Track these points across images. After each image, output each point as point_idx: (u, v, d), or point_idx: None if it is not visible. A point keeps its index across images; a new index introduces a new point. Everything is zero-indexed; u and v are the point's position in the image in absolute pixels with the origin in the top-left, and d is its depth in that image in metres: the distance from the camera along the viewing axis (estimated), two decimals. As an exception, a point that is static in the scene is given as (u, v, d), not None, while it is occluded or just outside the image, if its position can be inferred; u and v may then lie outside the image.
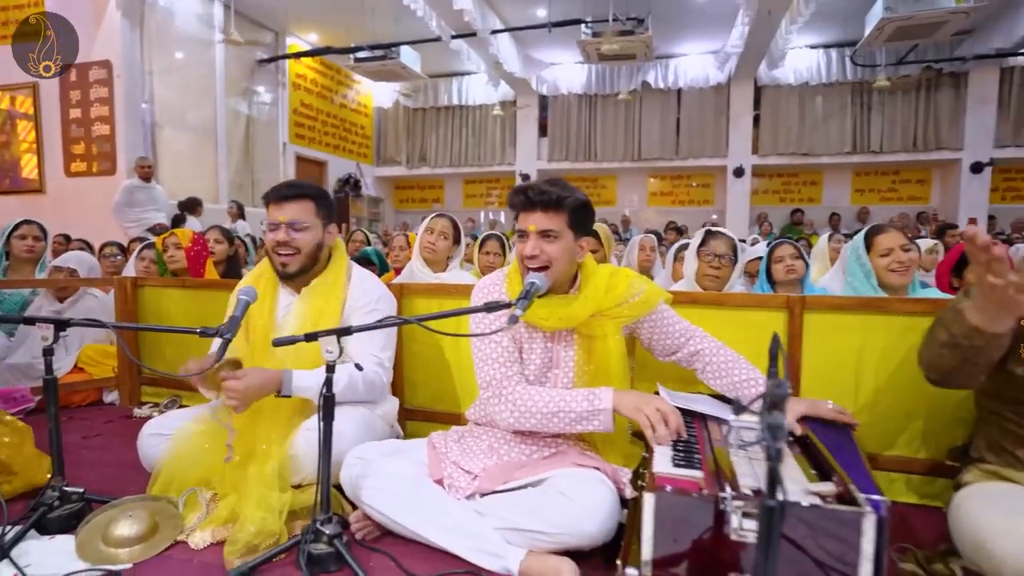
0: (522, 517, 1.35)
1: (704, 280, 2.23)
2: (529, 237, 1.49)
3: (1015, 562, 1.10)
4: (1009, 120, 9.09)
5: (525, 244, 1.50)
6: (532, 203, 1.48)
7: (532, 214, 1.49)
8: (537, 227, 1.48)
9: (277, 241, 1.75)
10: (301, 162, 9.48)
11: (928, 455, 1.70)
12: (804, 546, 1.04)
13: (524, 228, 1.50)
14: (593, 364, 1.55)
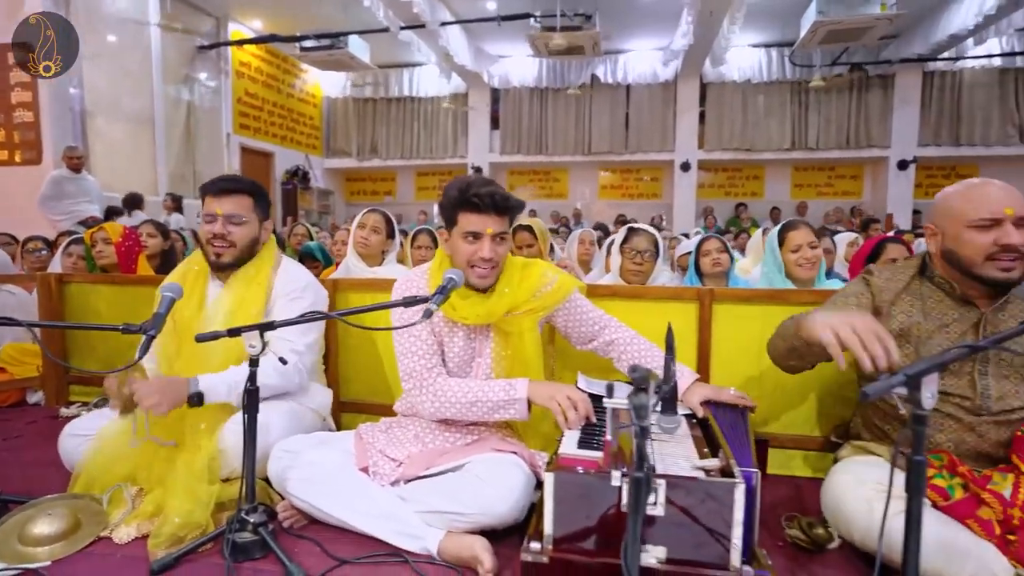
0: (441, 500, 1.43)
1: (628, 275, 2.35)
2: (484, 239, 1.54)
3: (859, 521, 1.25)
4: (930, 120, 9.69)
5: (478, 245, 1.54)
6: (490, 207, 1.52)
7: (488, 217, 1.53)
8: (493, 230, 1.54)
9: (214, 233, 1.76)
10: (246, 153, 9.23)
11: (821, 433, 1.87)
12: (693, 513, 1.15)
13: (479, 230, 1.53)
14: (511, 356, 1.64)
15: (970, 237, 1.36)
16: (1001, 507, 1.23)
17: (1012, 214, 1.33)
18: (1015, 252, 1.33)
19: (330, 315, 1.46)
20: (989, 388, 1.37)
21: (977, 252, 1.35)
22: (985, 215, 1.34)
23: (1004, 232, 1.33)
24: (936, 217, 1.46)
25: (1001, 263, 1.34)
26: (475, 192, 1.51)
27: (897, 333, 1.45)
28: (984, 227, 1.35)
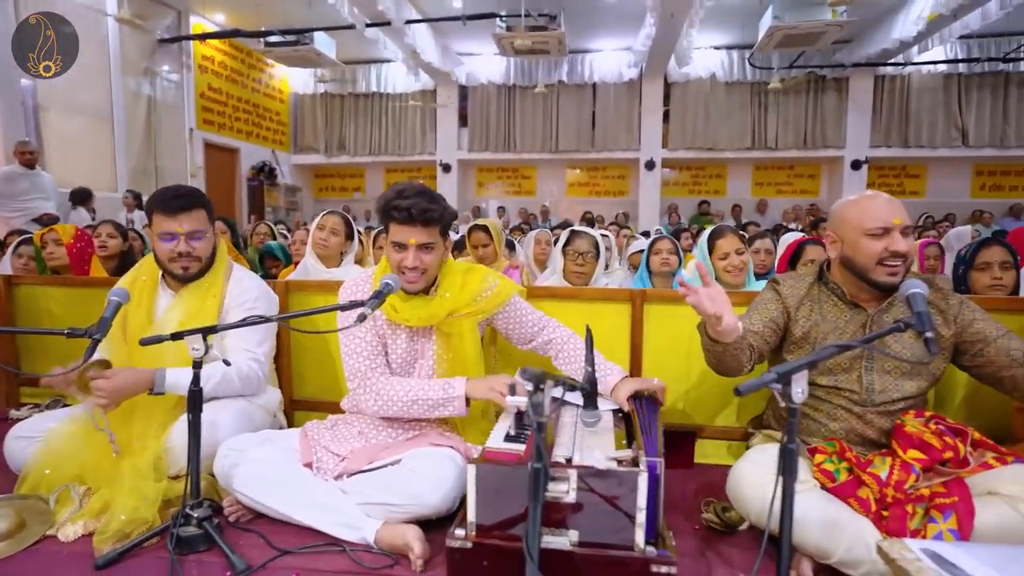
0: (378, 492, 1.52)
1: (570, 276, 2.46)
2: (409, 250, 1.62)
3: (754, 503, 1.38)
4: (881, 123, 10.08)
5: (404, 255, 1.63)
6: (413, 219, 1.60)
7: (412, 228, 1.61)
8: (417, 241, 1.62)
9: (178, 252, 1.79)
10: (210, 149, 9.10)
11: (742, 424, 2.01)
12: (603, 499, 1.26)
13: (404, 241, 1.62)
14: (452, 357, 1.73)
15: (865, 244, 1.50)
16: (878, 487, 1.37)
17: (900, 223, 1.48)
18: (901, 258, 1.48)
19: (271, 318, 1.53)
20: (873, 383, 1.52)
21: (870, 258, 1.49)
22: (879, 224, 1.49)
23: (893, 240, 1.47)
24: (835, 226, 1.60)
25: (889, 268, 1.48)
26: (396, 204, 1.59)
27: (800, 336, 1.59)
28: (877, 235, 1.49)
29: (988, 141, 9.80)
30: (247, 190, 10.00)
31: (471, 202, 11.68)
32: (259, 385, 1.87)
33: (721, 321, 1.33)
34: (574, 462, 1.32)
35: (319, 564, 1.43)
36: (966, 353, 1.52)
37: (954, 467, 1.39)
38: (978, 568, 1.05)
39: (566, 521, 1.28)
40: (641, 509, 1.24)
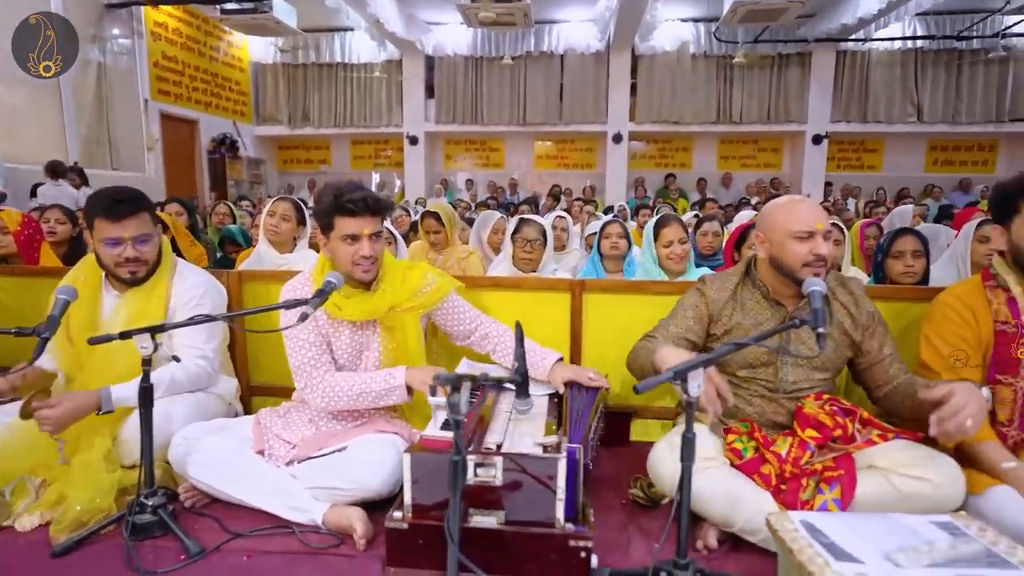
0: (325, 477, 1.62)
1: (519, 262, 2.56)
2: (363, 240, 1.70)
3: (669, 479, 1.52)
4: (841, 98, 10.29)
5: (358, 245, 1.70)
6: (367, 208, 1.68)
7: (364, 219, 1.69)
8: (370, 230, 1.70)
9: (126, 258, 1.81)
10: (167, 120, 8.82)
11: (673, 406, 2.16)
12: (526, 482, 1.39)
13: (357, 232, 1.69)
14: (396, 349, 1.83)
15: (791, 246, 1.62)
16: (779, 463, 1.53)
17: (822, 228, 1.60)
18: (823, 260, 1.60)
19: (216, 317, 1.60)
20: (787, 375, 1.66)
21: (796, 259, 1.61)
22: (804, 228, 1.60)
23: (816, 243, 1.59)
24: (764, 228, 1.71)
25: (813, 268, 1.60)
26: (349, 198, 1.67)
27: (723, 332, 1.72)
28: (803, 238, 1.61)
29: (941, 117, 10.11)
30: (208, 163, 9.77)
31: (439, 175, 11.61)
32: (209, 380, 1.94)
33: None
34: (503, 449, 1.44)
35: (270, 545, 1.53)
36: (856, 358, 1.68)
37: (843, 444, 1.55)
38: (841, 534, 1.21)
39: (494, 502, 1.40)
40: (561, 490, 1.36)
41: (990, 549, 1.14)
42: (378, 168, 12.03)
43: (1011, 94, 9.84)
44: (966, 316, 1.63)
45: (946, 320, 1.65)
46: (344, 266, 1.74)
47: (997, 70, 9.82)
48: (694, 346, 1.72)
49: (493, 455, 1.38)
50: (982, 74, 9.85)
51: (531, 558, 1.38)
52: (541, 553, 1.38)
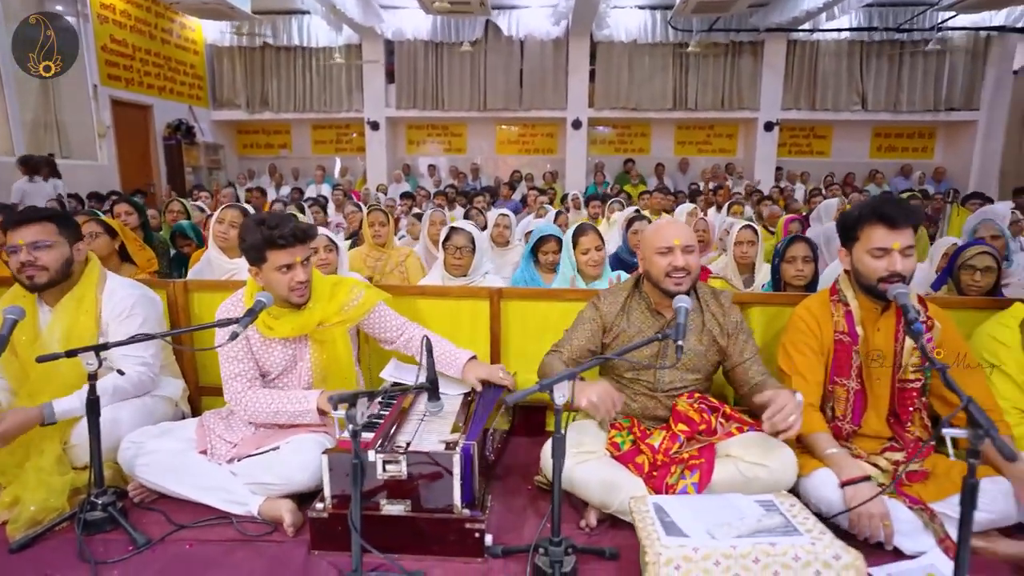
0: (261, 473, 1.83)
1: (450, 268, 2.77)
2: (296, 267, 1.87)
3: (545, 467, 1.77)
4: (792, 86, 10.64)
5: (293, 273, 1.86)
6: (297, 240, 1.85)
7: (295, 249, 1.85)
8: (301, 257, 1.88)
9: (21, 262, 1.93)
10: (119, 106, 8.62)
11: (583, 398, 2.42)
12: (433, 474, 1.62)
13: (290, 262, 1.85)
14: (326, 361, 2.03)
15: (656, 260, 1.87)
16: (652, 454, 1.80)
17: (679, 243, 1.85)
18: (682, 271, 1.85)
19: (156, 335, 1.77)
20: (664, 376, 1.93)
21: (660, 271, 1.87)
22: (664, 244, 1.85)
23: (675, 257, 1.84)
24: (641, 247, 1.96)
25: (674, 279, 1.85)
26: (280, 234, 1.82)
27: (612, 340, 1.96)
28: (663, 252, 1.86)
29: (884, 106, 10.55)
30: (163, 149, 9.61)
31: (401, 160, 11.64)
32: (152, 384, 2.11)
33: None
34: (410, 447, 1.66)
35: (210, 535, 1.75)
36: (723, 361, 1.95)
37: (707, 436, 1.82)
38: (681, 513, 1.48)
39: (402, 493, 1.63)
40: (457, 480, 1.60)
41: (789, 521, 1.42)
42: (340, 153, 11.97)
43: (947, 85, 10.31)
44: (813, 327, 1.91)
45: (797, 331, 1.93)
46: (280, 293, 1.90)
47: (935, 61, 10.27)
48: (595, 355, 1.96)
49: (399, 453, 1.62)
50: (921, 65, 10.30)
51: (434, 540, 1.63)
52: (442, 535, 1.63)
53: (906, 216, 1.77)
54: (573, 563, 1.54)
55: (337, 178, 11.16)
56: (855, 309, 1.89)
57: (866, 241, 1.80)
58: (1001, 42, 9.96)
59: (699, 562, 1.31)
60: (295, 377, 2.04)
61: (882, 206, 1.80)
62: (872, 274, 1.78)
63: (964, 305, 2.21)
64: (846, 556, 1.30)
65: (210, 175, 10.63)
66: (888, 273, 1.76)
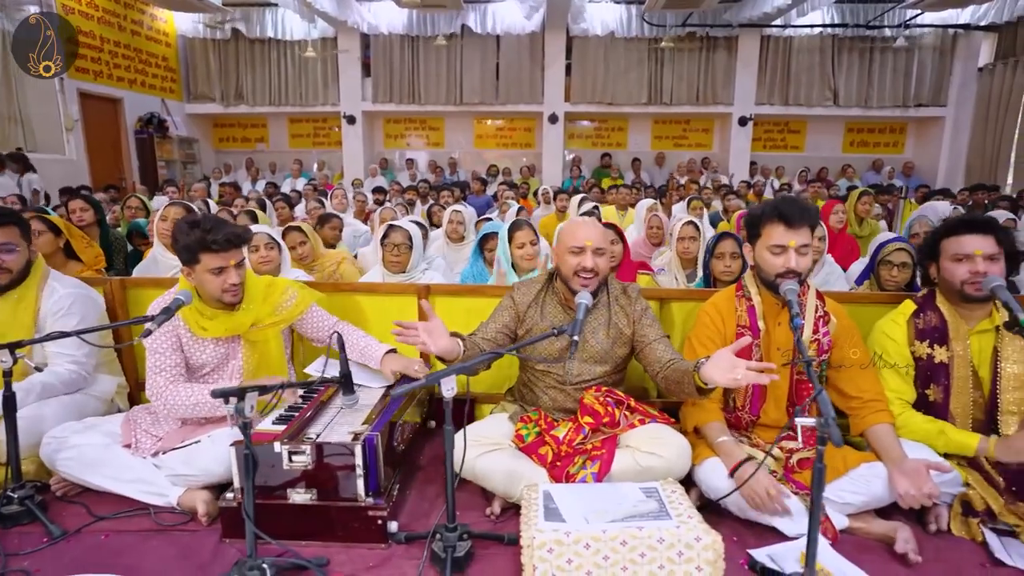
0: (181, 466, 1.89)
1: (388, 265, 2.82)
2: (229, 270, 1.91)
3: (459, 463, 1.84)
4: (766, 81, 10.74)
5: (226, 275, 1.91)
6: (229, 244, 1.88)
7: (228, 253, 1.89)
8: (235, 261, 1.92)
9: None
10: (87, 99, 8.53)
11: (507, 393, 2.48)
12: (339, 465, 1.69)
13: (223, 265, 1.89)
14: (258, 360, 2.08)
15: (566, 259, 1.94)
16: (556, 445, 1.87)
17: (591, 245, 1.92)
18: (590, 273, 1.92)
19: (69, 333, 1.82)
20: (573, 369, 2.00)
21: (569, 270, 1.94)
22: (575, 244, 1.92)
23: (584, 258, 1.91)
24: (556, 244, 2.03)
25: (582, 279, 1.92)
26: (214, 239, 1.86)
27: (525, 332, 2.03)
28: (575, 252, 1.93)
29: (855, 101, 10.69)
30: (135, 143, 9.53)
31: (378, 154, 11.62)
32: (85, 382, 2.15)
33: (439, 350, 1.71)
34: (320, 439, 1.73)
35: (127, 526, 1.81)
36: (634, 349, 2.02)
37: (610, 428, 1.90)
38: (567, 501, 1.56)
39: (309, 482, 1.70)
40: (360, 469, 1.67)
41: (664, 506, 1.51)
42: (318, 147, 11.93)
43: (916, 81, 10.46)
44: (716, 321, 1.99)
45: (702, 325, 2.02)
46: (213, 294, 1.95)
47: (904, 58, 10.40)
48: (512, 339, 2.03)
49: (304, 444, 1.68)
50: (891, 61, 10.43)
51: (339, 527, 1.70)
52: (346, 522, 1.70)
53: (802, 215, 1.86)
54: (468, 548, 1.62)
55: (314, 172, 11.12)
56: (758, 304, 1.97)
57: (766, 238, 1.88)
58: (967, 39, 10.12)
59: (570, 545, 1.39)
60: (226, 375, 2.10)
61: (781, 205, 1.88)
62: (771, 270, 1.87)
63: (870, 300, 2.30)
64: (707, 538, 1.39)
65: (184, 169, 10.57)
66: (785, 270, 1.84)
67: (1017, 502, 1.72)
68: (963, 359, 1.88)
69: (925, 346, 1.93)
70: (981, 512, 1.74)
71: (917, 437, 1.86)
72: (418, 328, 1.69)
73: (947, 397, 1.90)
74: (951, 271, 1.88)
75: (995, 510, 1.72)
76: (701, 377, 1.62)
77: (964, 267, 1.84)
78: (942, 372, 1.90)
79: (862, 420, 1.88)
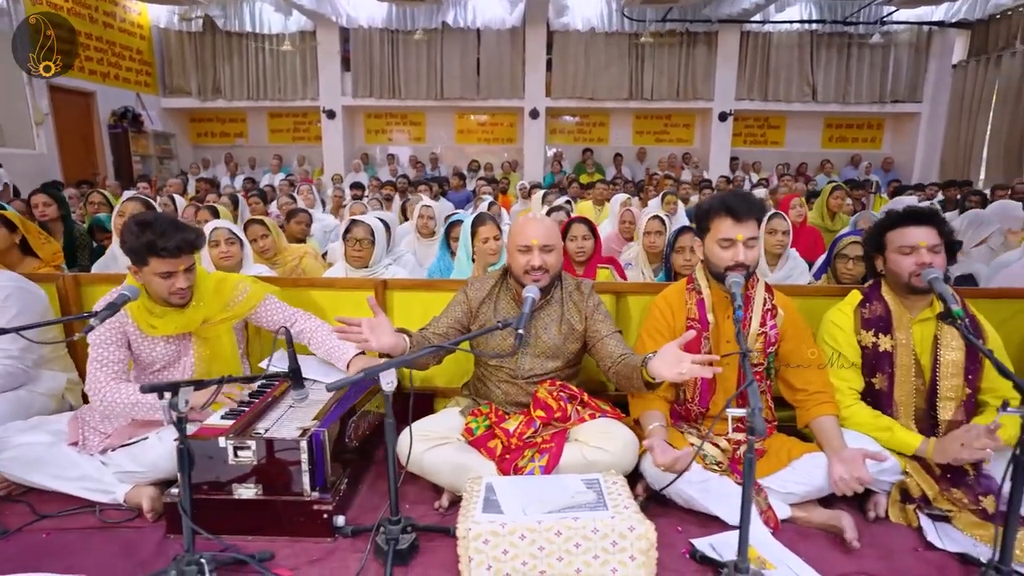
0: (129, 462, 1.88)
1: (351, 260, 2.81)
2: (178, 275, 1.88)
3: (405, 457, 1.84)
4: (746, 77, 10.80)
5: (174, 280, 1.87)
6: (180, 251, 1.84)
7: (177, 259, 1.85)
8: (184, 266, 1.89)
9: None
10: (58, 93, 8.35)
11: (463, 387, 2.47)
12: (285, 460, 1.68)
13: (172, 270, 1.86)
14: (210, 356, 2.06)
15: (516, 257, 1.95)
16: (506, 438, 1.88)
17: (537, 243, 1.92)
18: (539, 270, 1.91)
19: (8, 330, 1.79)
20: (525, 363, 2.01)
21: (519, 267, 1.94)
22: (523, 242, 1.93)
23: (533, 256, 1.92)
24: (508, 241, 2.03)
25: (532, 276, 1.93)
26: (164, 246, 1.81)
27: (478, 327, 2.03)
28: (523, 250, 1.93)
29: (833, 97, 10.79)
30: (109, 138, 9.37)
31: (359, 149, 11.55)
32: (25, 376, 2.12)
33: (382, 347, 1.70)
34: (265, 435, 1.72)
35: (71, 524, 1.79)
36: (586, 344, 2.03)
37: (561, 422, 1.91)
38: (508, 493, 1.57)
39: (254, 477, 1.70)
40: (305, 464, 1.67)
41: (603, 497, 1.52)
42: (298, 142, 11.82)
43: (892, 77, 10.59)
44: (666, 314, 2.01)
45: (652, 318, 2.04)
46: (160, 295, 1.93)
47: (880, 55, 10.52)
48: (464, 334, 2.03)
49: (249, 440, 1.67)
50: (868, 58, 10.54)
51: (285, 521, 1.70)
52: (292, 516, 1.70)
53: (749, 209, 1.87)
54: (412, 540, 1.63)
55: (294, 168, 11.03)
56: (707, 297, 1.99)
57: (715, 232, 1.90)
58: (941, 36, 10.25)
59: (506, 536, 1.40)
60: (178, 372, 2.07)
61: (728, 199, 1.90)
62: (720, 263, 1.88)
63: (821, 293, 2.33)
64: (640, 528, 1.40)
65: (161, 164, 10.43)
66: (733, 263, 1.86)
67: (951, 488, 1.75)
68: (906, 347, 1.91)
69: (870, 335, 1.96)
70: (917, 499, 1.78)
71: (864, 430, 1.89)
72: (361, 325, 1.68)
73: (891, 385, 1.93)
74: (898, 263, 1.91)
75: (930, 496, 1.76)
76: (649, 372, 1.65)
77: (911, 259, 1.87)
78: (886, 360, 1.93)
79: (807, 412, 1.91)
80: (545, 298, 2.00)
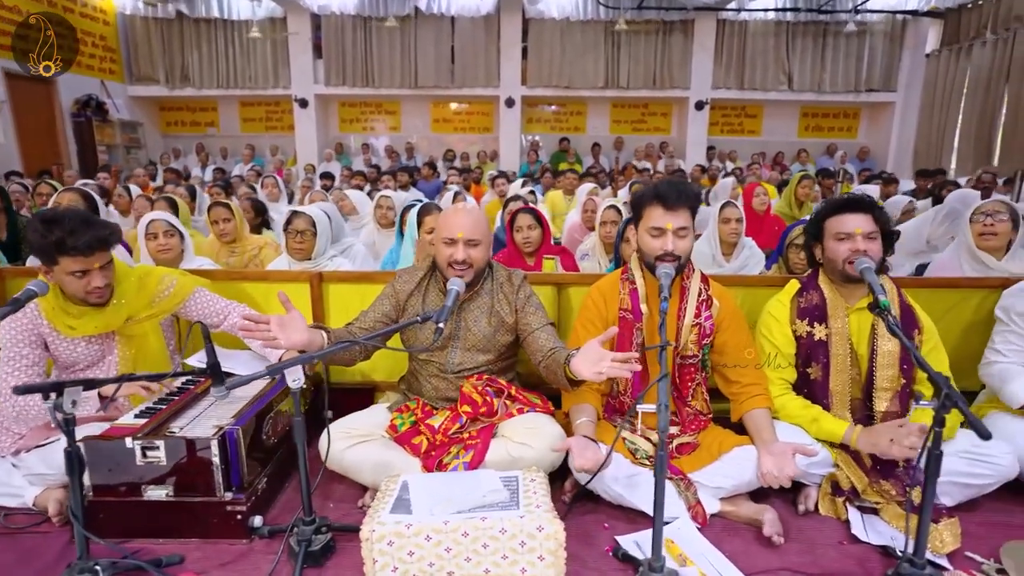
0: (40, 465, 1.80)
1: (292, 252, 2.73)
2: (93, 273, 1.78)
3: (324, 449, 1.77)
4: (722, 65, 10.76)
5: (89, 278, 1.77)
6: (90, 248, 1.74)
7: (90, 257, 1.75)
8: (99, 263, 1.79)
9: None
10: (15, 80, 8.05)
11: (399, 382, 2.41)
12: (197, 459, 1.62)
13: (86, 268, 1.76)
14: (135, 355, 1.98)
15: (441, 249, 1.89)
16: (432, 434, 1.83)
17: (462, 237, 1.85)
18: (463, 264, 1.85)
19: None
20: (455, 358, 1.95)
21: (443, 260, 1.88)
22: (448, 235, 1.86)
23: (456, 249, 1.85)
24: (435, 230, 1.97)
25: (455, 270, 1.86)
26: (71, 244, 1.71)
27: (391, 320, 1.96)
28: (447, 243, 1.87)
29: (809, 86, 10.80)
30: (72, 127, 9.12)
31: (334, 139, 11.37)
32: None
33: (292, 345, 1.63)
34: (180, 433, 1.66)
35: (-27, 529, 1.72)
36: (518, 337, 1.98)
37: (487, 417, 1.87)
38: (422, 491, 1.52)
39: (165, 478, 1.63)
40: (218, 464, 1.61)
41: (516, 496, 1.48)
42: (270, 131, 11.60)
43: (867, 66, 10.61)
44: (599, 305, 1.97)
45: (585, 308, 1.99)
46: (76, 295, 1.82)
47: (855, 43, 10.53)
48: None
49: (157, 440, 1.61)
50: (843, 47, 10.54)
51: (197, 523, 1.64)
52: (205, 517, 1.64)
53: (679, 198, 1.83)
54: (326, 541, 1.58)
55: (268, 157, 10.83)
56: (641, 287, 1.95)
57: (646, 220, 1.86)
58: (915, 25, 10.28)
59: (411, 538, 1.36)
60: (102, 372, 1.99)
61: (660, 187, 1.85)
62: (651, 252, 1.84)
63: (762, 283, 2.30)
64: (549, 527, 1.37)
65: (128, 154, 10.18)
66: (663, 252, 1.81)
67: (880, 480, 1.74)
68: (841, 336, 1.89)
69: (805, 324, 1.93)
70: (847, 491, 1.76)
71: (793, 421, 1.87)
72: (270, 322, 1.61)
73: (827, 375, 1.91)
74: (834, 250, 1.88)
75: (859, 489, 1.74)
76: (571, 369, 1.61)
77: (845, 245, 1.85)
78: (821, 350, 1.91)
79: (740, 405, 1.88)
80: (473, 290, 1.95)
